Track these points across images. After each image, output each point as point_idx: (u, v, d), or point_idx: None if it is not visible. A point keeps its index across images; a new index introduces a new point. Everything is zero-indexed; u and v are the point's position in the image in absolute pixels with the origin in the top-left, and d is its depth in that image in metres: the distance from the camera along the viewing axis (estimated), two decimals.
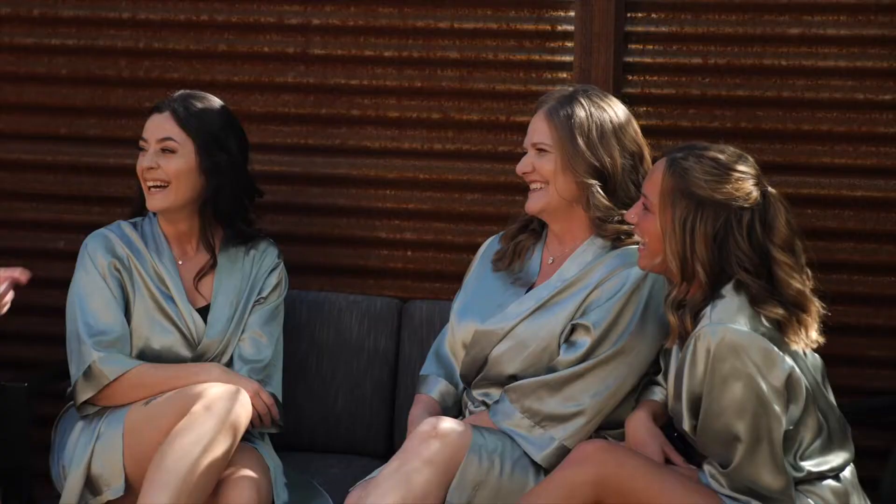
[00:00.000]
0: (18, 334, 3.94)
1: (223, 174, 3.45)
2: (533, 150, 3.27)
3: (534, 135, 3.27)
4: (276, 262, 3.55)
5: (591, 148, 3.22)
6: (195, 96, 3.50)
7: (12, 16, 3.97)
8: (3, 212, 4.01)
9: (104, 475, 3.27)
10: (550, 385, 3.18)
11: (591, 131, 3.22)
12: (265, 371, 3.45)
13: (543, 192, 3.26)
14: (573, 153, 3.21)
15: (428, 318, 3.70)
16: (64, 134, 3.98)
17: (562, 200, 3.25)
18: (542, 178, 3.25)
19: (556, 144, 3.23)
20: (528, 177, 3.28)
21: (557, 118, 3.23)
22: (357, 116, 3.87)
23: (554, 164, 3.23)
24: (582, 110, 3.23)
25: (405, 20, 3.81)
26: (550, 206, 3.27)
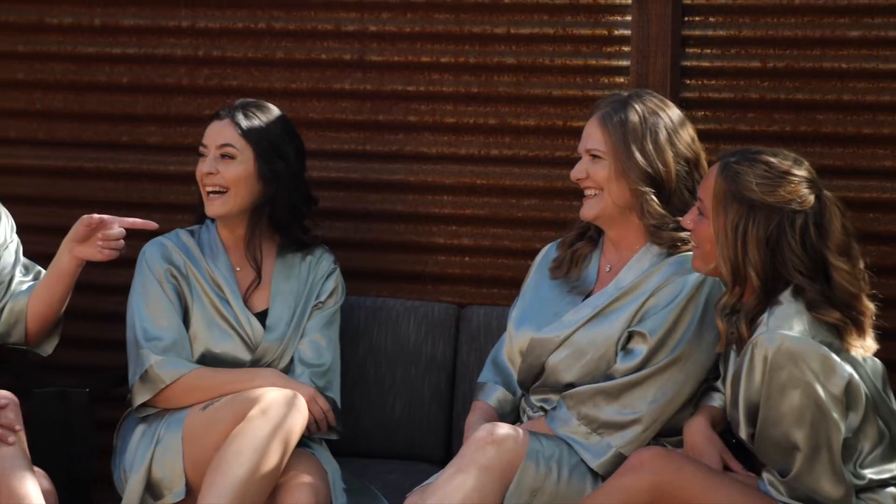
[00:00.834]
0: (80, 340, 3.98)
1: (281, 181, 3.47)
2: (587, 156, 3.27)
3: (587, 140, 3.27)
4: (332, 267, 3.57)
5: (645, 155, 3.20)
6: (255, 104, 3.53)
7: (74, 25, 4.02)
8: (65, 219, 4.02)
9: (165, 479, 3.31)
10: (608, 392, 3.17)
11: (645, 138, 3.20)
12: (326, 376, 3.47)
13: (598, 198, 3.25)
14: (627, 160, 3.20)
15: (485, 324, 3.70)
16: (125, 142, 4.03)
17: (616, 207, 3.24)
18: (595, 184, 3.24)
19: (609, 151, 3.22)
20: (582, 183, 3.27)
21: (611, 124, 3.22)
22: (414, 122, 3.88)
23: (608, 171, 3.22)
24: (636, 116, 3.22)
25: (461, 26, 3.82)
26: (605, 212, 3.26)
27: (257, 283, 3.51)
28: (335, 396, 3.48)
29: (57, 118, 4.05)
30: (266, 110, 3.52)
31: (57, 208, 4.05)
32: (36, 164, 4.06)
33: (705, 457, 3.07)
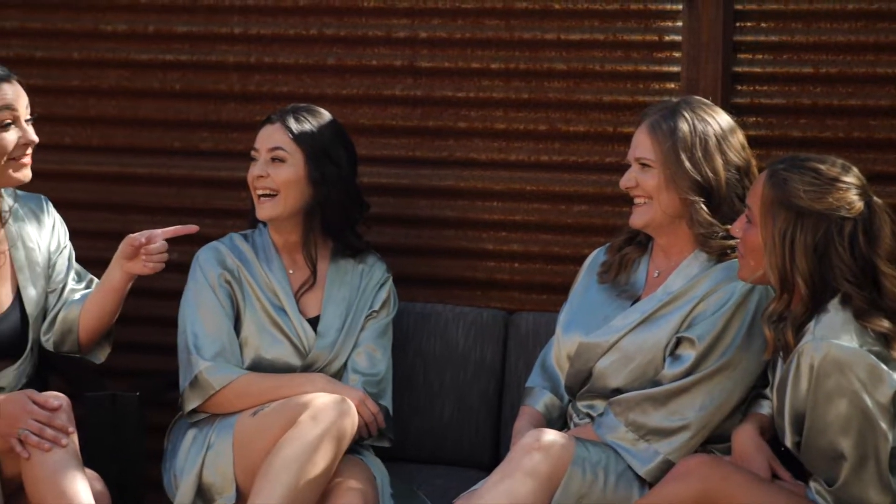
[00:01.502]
0: (132, 344, 4.02)
1: (331, 185, 3.49)
2: (636, 165, 3.26)
3: (637, 149, 3.26)
4: (385, 276, 3.58)
5: (695, 163, 3.19)
6: (307, 108, 3.55)
7: (129, 32, 4.05)
8: (118, 224, 4.09)
9: (216, 484, 3.33)
10: (655, 399, 3.16)
11: (695, 146, 3.19)
12: (379, 385, 3.48)
13: (647, 206, 3.24)
14: (676, 169, 3.19)
15: (534, 330, 3.70)
16: (177, 147, 4.06)
17: (666, 216, 3.23)
18: (645, 193, 3.24)
19: (658, 160, 3.21)
20: (632, 192, 3.26)
21: (660, 132, 3.21)
22: (464, 129, 3.88)
23: (657, 180, 3.21)
24: (685, 124, 3.20)
25: (512, 32, 3.82)
26: (654, 221, 3.25)
27: (311, 285, 3.52)
28: (388, 405, 3.49)
29: (111, 124, 4.09)
30: (317, 114, 3.54)
31: (110, 214, 4.10)
32: (90, 170, 4.10)
33: (753, 465, 3.05)
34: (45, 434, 3.14)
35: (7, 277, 3.38)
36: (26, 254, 3.41)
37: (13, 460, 3.18)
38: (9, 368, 3.35)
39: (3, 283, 3.37)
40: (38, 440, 3.13)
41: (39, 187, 3.51)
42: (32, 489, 3.14)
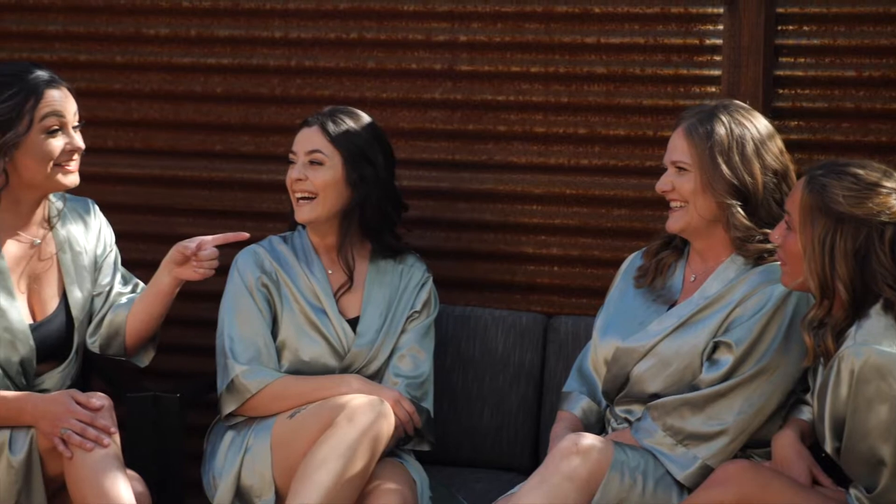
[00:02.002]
0: (174, 346, 4.04)
1: (369, 187, 3.50)
2: (672, 168, 3.25)
3: (673, 152, 3.25)
4: (426, 276, 3.59)
5: (732, 167, 3.18)
6: (344, 111, 3.56)
7: (171, 36, 4.08)
8: (160, 226, 4.12)
9: (254, 486, 3.34)
10: (693, 403, 3.15)
11: (732, 150, 3.18)
12: (422, 387, 3.49)
13: (683, 211, 3.23)
14: (713, 173, 3.18)
15: (574, 334, 3.69)
16: (219, 151, 4.08)
17: (702, 220, 3.22)
18: (681, 197, 3.23)
19: (695, 163, 3.20)
20: (668, 195, 3.26)
21: (697, 136, 3.20)
22: (504, 132, 3.88)
23: (693, 184, 3.21)
24: (722, 127, 3.19)
25: (552, 36, 3.82)
26: (691, 225, 3.24)
27: (348, 287, 3.53)
28: (429, 407, 3.49)
29: (153, 128, 4.12)
30: (355, 116, 3.55)
31: (153, 216, 4.12)
32: (133, 173, 4.13)
33: (794, 470, 3.04)
34: (87, 434, 3.16)
35: (54, 281, 3.41)
36: (73, 257, 3.44)
37: (56, 460, 3.21)
38: (54, 371, 3.38)
39: (50, 286, 3.40)
40: (81, 440, 3.15)
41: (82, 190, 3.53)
42: (74, 488, 3.16)
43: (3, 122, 3.26)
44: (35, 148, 3.28)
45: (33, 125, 3.27)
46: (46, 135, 3.29)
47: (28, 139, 3.27)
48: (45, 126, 3.29)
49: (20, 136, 3.26)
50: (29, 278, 3.37)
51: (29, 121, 3.27)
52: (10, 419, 3.22)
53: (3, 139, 3.26)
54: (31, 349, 3.32)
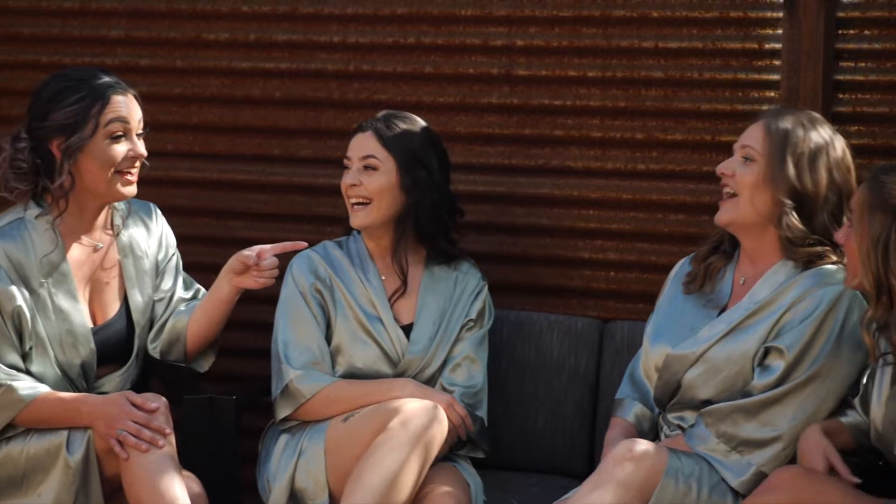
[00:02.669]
0: (230, 349, 4.06)
1: (423, 191, 3.50)
2: (740, 156, 3.24)
3: (746, 138, 3.24)
4: (481, 284, 3.58)
5: (799, 170, 3.17)
6: (398, 116, 3.56)
7: (230, 41, 4.11)
8: (219, 230, 4.15)
9: (308, 490, 3.36)
10: (746, 409, 3.13)
11: (804, 153, 3.17)
12: (476, 396, 3.48)
13: (734, 202, 3.22)
14: (779, 169, 3.16)
15: (629, 339, 3.68)
16: (277, 155, 4.10)
17: (754, 215, 3.20)
18: (736, 186, 3.22)
19: (764, 154, 3.19)
20: (725, 179, 3.24)
21: (775, 130, 3.19)
22: (560, 136, 3.87)
23: (755, 177, 3.19)
24: (801, 131, 3.19)
25: (609, 40, 3.81)
26: (739, 219, 3.22)
27: (402, 292, 3.54)
28: (483, 416, 3.49)
29: (212, 131, 4.15)
30: (409, 121, 3.55)
31: (211, 219, 4.15)
32: (192, 176, 4.16)
33: (811, 459, 3.00)
34: (142, 435, 3.19)
35: (115, 285, 3.45)
36: (134, 262, 3.47)
37: (113, 460, 3.24)
38: (114, 374, 3.42)
39: (112, 291, 3.44)
40: (136, 441, 3.18)
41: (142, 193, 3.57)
42: (130, 489, 3.19)
43: (69, 126, 3.30)
44: (98, 152, 3.32)
45: (98, 130, 3.31)
46: (110, 140, 3.33)
47: (92, 143, 3.31)
48: (110, 131, 3.33)
49: (85, 140, 3.30)
50: (91, 282, 3.40)
51: (94, 125, 3.30)
52: (68, 420, 3.25)
53: (68, 142, 3.29)
54: (92, 352, 3.36)
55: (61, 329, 3.32)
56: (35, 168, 3.32)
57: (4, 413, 3.25)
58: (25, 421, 3.26)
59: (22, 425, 3.27)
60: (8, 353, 3.27)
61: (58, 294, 3.33)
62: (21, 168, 3.32)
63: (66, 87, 3.32)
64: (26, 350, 3.30)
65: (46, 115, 3.31)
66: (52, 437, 3.25)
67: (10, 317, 3.27)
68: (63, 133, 3.30)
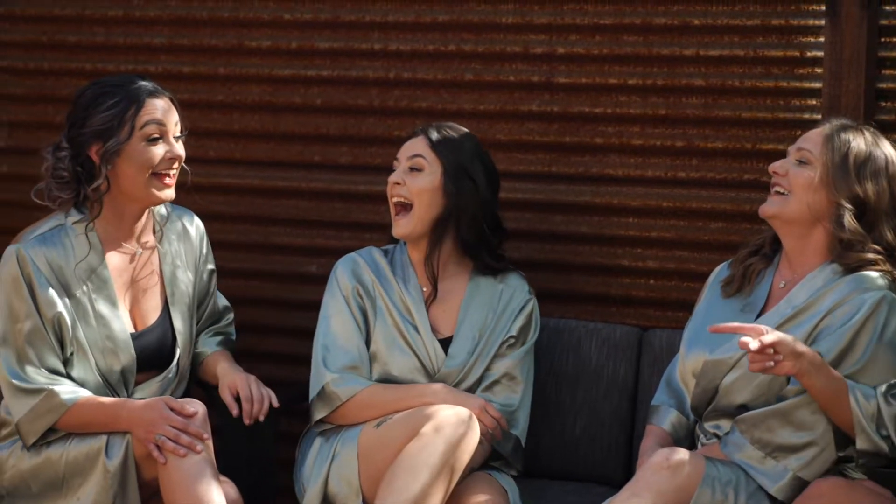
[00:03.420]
0: (270, 354, 4.09)
1: (465, 201, 3.49)
2: (794, 157, 3.22)
3: (804, 141, 3.24)
4: (526, 299, 3.55)
5: (860, 177, 3.17)
6: (452, 126, 3.57)
7: (272, 49, 4.13)
8: (259, 236, 4.17)
9: (341, 493, 3.36)
10: (780, 414, 3.11)
11: (865, 163, 3.18)
12: (514, 416, 3.47)
13: (783, 199, 3.21)
14: (840, 174, 3.16)
15: (668, 347, 3.65)
16: (317, 161, 4.11)
17: (805, 213, 3.18)
18: (788, 185, 3.21)
19: (821, 160, 3.18)
20: (776, 177, 3.23)
21: (837, 138, 3.20)
22: (600, 144, 3.87)
23: (807, 179, 3.18)
24: (863, 141, 3.20)
25: (650, 48, 3.80)
26: (784, 214, 3.21)
27: (433, 299, 3.53)
28: (520, 435, 3.48)
29: (253, 138, 4.17)
30: (461, 132, 3.57)
31: (251, 226, 4.17)
32: (233, 183, 4.18)
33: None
34: (180, 440, 3.21)
35: (156, 292, 3.46)
36: (175, 268, 3.49)
37: (151, 465, 3.25)
38: (153, 380, 3.43)
39: (152, 297, 3.45)
40: (174, 446, 3.20)
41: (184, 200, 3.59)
42: (168, 494, 3.21)
43: (106, 130, 3.33)
44: (135, 155, 3.34)
45: (134, 133, 3.33)
46: (147, 142, 3.35)
47: (129, 146, 3.33)
48: (146, 134, 3.35)
49: (121, 144, 3.33)
50: (131, 289, 3.43)
51: (130, 128, 3.33)
52: (107, 424, 3.27)
53: (105, 146, 3.32)
54: (133, 358, 3.38)
55: (102, 335, 3.35)
56: (76, 176, 3.35)
57: (46, 417, 3.27)
58: (66, 425, 3.29)
59: (62, 429, 3.30)
60: (49, 358, 3.30)
61: (98, 300, 3.35)
62: (63, 177, 3.35)
63: (102, 93, 3.35)
64: (67, 356, 3.33)
65: (84, 121, 3.34)
66: (91, 441, 3.27)
67: (51, 323, 3.30)
68: (100, 138, 3.33)
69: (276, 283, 4.14)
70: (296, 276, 4.13)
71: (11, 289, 3.30)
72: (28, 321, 3.28)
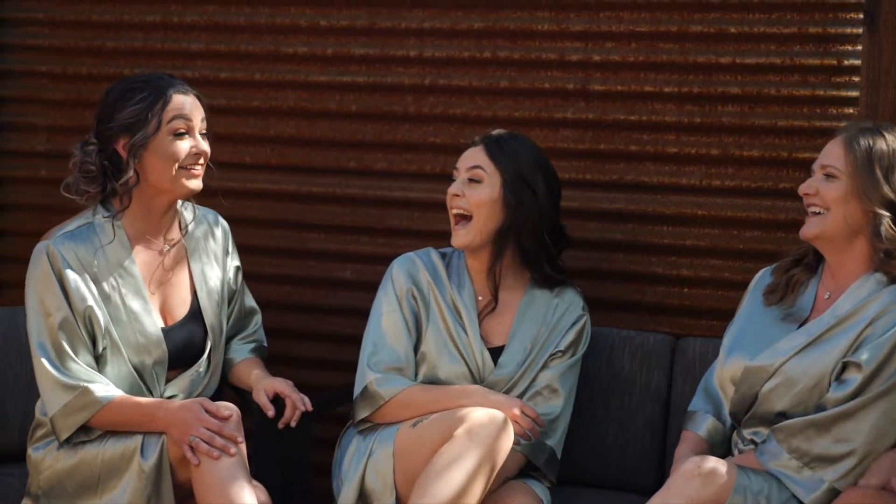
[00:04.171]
0: (306, 359, 4.10)
1: (525, 212, 3.47)
2: (820, 174, 3.21)
3: (826, 157, 3.21)
4: (580, 314, 3.54)
5: (888, 178, 3.15)
6: (513, 135, 3.56)
7: (308, 55, 4.15)
8: (294, 241, 4.18)
9: (376, 491, 3.37)
10: (819, 424, 3.09)
11: (892, 165, 3.14)
12: (551, 426, 3.47)
13: (822, 218, 3.19)
14: (869, 182, 3.14)
15: (702, 355, 3.64)
16: (352, 167, 4.13)
17: (843, 228, 3.17)
18: (823, 203, 3.18)
19: (847, 171, 3.16)
20: (808, 199, 3.21)
21: (857, 146, 3.17)
22: (635, 152, 3.86)
23: (838, 192, 3.16)
24: (884, 143, 3.18)
25: (686, 56, 3.79)
26: (826, 233, 3.19)
27: (492, 308, 3.52)
28: (554, 446, 3.47)
29: (289, 144, 4.18)
30: (522, 141, 3.55)
31: (287, 231, 4.19)
32: (268, 188, 4.20)
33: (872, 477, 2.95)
34: (214, 442, 3.22)
35: (185, 287, 3.48)
36: (202, 265, 3.51)
37: (185, 467, 3.26)
38: (184, 375, 3.45)
39: (180, 293, 3.47)
40: (208, 448, 3.21)
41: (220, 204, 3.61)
42: (201, 495, 3.22)
43: (134, 124, 3.36)
44: (162, 149, 3.37)
45: (161, 127, 3.36)
46: (173, 137, 3.38)
47: (156, 140, 3.36)
48: (173, 128, 3.38)
49: (148, 137, 3.35)
50: (160, 284, 3.45)
51: (157, 122, 3.36)
52: (143, 424, 3.29)
53: (133, 140, 3.35)
54: (165, 353, 3.40)
55: (134, 330, 3.37)
56: (104, 170, 3.38)
57: (80, 414, 3.30)
58: (100, 423, 3.31)
59: (96, 427, 3.32)
60: (83, 353, 3.32)
61: (127, 295, 3.38)
62: (91, 171, 3.38)
63: (130, 88, 3.39)
64: (100, 351, 3.35)
65: (112, 116, 3.37)
66: (127, 441, 3.29)
67: (82, 316, 3.32)
68: (128, 132, 3.36)
69: (310, 288, 4.15)
70: (330, 282, 4.14)
71: (42, 285, 3.33)
72: (59, 313, 3.31)
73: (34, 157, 4.38)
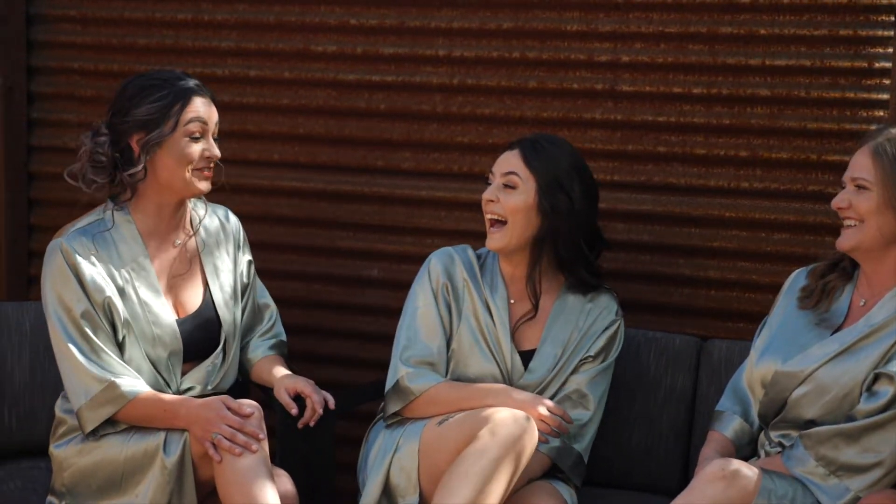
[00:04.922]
0: (333, 357, 4.11)
1: (561, 218, 3.45)
2: (851, 186, 3.18)
3: (854, 170, 3.18)
4: (613, 319, 3.53)
5: None
6: (548, 138, 3.54)
7: (337, 53, 4.15)
8: (323, 239, 4.19)
9: (400, 486, 3.37)
10: (847, 434, 3.07)
11: None
12: (579, 431, 3.46)
13: (857, 229, 3.16)
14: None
15: (727, 358, 3.63)
16: (380, 166, 4.13)
17: (878, 239, 3.15)
18: (857, 215, 3.16)
19: (878, 182, 3.14)
20: (843, 212, 3.19)
21: (885, 155, 3.14)
22: (663, 153, 3.85)
23: (871, 203, 3.14)
24: None
25: (715, 57, 3.77)
26: (863, 244, 3.16)
27: (531, 317, 3.51)
28: (582, 451, 3.46)
29: (318, 142, 4.19)
30: (558, 144, 3.52)
31: (315, 229, 4.19)
32: (297, 186, 4.21)
33: None
34: (236, 439, 3.23)
35: (196, 280, 3.50)
36: (213, 259, 3.52)
37: (208, 464, 3.28)
38: (200, 366, 3.46)
39: (193, 286, 3.48)
40: (230, 445, 3.22)
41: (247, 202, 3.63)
42: (223, 492, 3.23)
43: (151, 122, 3.37)
44: (176, 150, 3.38)
45: (178, 128, 3.38)
46: (189, 139, 3.39)
47: (171, 140, 3.38)
48: (189, 131, 3.39)
49: (164, 137, 3.37)
50: (172, 278, 3.46)
51: (174, 123, 3.37)
52: (166, 420, 3.31)
53: (147, 137, 3.37)
54: (180, 345, 3.41)
55: (149, 322, 3.38)
56: (113, 162, 3.40)
57: (106, 408, 3.32)
58: (126, 417, 3.33)
59: (122, 421, 3.34)
60: (108, 344, 3.34)
61: (141, 288, 3.40)
62: (100, 162, 3.40)
63: (149, 85, 3.40)
64: (119, 340, 3.37)
65: (129, 110, 3.39)
66: (150, 438, 3.30)
67: (102, 308, 3.34)
68: (144, 128, 3.38)
69: (337, 286, 4.16)
70: (357, 281, 4.15)
71: (59, 281, 3.35)
72: (79, 305, 3.32)
73: (65, 154, 4.40)
